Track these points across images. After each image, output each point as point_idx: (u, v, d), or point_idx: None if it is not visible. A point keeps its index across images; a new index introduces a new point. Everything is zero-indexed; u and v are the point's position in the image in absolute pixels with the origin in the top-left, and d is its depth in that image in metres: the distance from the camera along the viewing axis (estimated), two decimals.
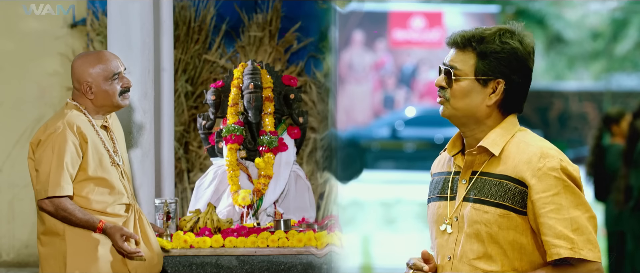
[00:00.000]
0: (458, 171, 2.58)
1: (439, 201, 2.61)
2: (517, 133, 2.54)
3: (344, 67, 14.00)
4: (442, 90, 2.56)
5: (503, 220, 2.47)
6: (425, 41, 14.38)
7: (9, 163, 7.16)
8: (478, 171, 2.53)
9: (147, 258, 3.92)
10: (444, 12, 14.54)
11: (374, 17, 14.50)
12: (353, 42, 14.13)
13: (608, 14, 12.92)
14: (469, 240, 2.50)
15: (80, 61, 3.89)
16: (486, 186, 2.50)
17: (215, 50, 7.05)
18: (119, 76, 3.88)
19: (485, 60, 2.51)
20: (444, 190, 2.61)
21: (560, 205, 2.42)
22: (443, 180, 2.63)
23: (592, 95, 13.34)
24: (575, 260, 2.42)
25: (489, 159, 2.53)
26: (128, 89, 3.91)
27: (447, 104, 2.55)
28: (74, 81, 3.88)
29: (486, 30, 2.53)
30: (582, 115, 13.41)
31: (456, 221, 2.54)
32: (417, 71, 14.42)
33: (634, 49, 12.66)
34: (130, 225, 3.88)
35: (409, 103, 14.12)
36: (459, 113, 2.54)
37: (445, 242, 2.56)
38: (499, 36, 2.51)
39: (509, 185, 2.47)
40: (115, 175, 3.87)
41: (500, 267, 2.48)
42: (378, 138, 12.73)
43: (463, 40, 2.52)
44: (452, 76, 2.53)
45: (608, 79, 13.17)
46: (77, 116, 3.81)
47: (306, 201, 5.26)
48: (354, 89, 14.16)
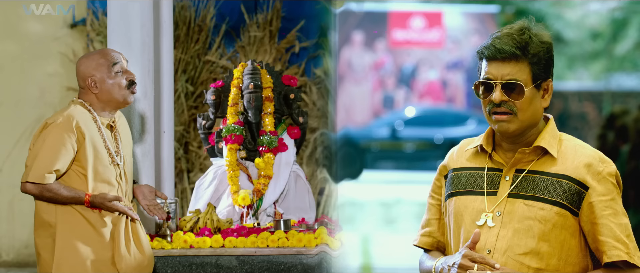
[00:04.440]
0: (494, 168, 2.61)
1: (472, 195, 2.63)
2: (561, 134, 2.62)
3: (344, 67, 14.00)
4: (504, 105, 2.55)
5: (559, 219, 2.52)
6: (425, 41, 14.37)
7: (9, 163, 7.16)
8: (525, 169, 2.57)
9: (138, 260, 3.92)
10: (443, 12, 14.53)
11: (374, 17, 14.49)
12: (353, 42, 14.13)
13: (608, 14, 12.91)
14: (517, 235, 2.53)
15: (84, 59, 3.92)
16: (541, 184, 2.54)
17: (215, 50, 7.05)
18: (122, 68, 3.89)
19: (537, 65, 2.54)
20: (478, 184, 2.63)
21: (616, 211, 2.51)
22: (476, 174, 2.65)
23: (591, 95, 13.33)
24: (626, 265, 2.50)
25: (538, 158, 2.58)
26: (133, 82, 3.91)
27: (514, 118, 2.55)
28: (79, 80, 3.89)
29: (520, 34, 2.53)
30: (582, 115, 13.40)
31: (498, 216, 2.57)
32: (416, 71, 14.41)
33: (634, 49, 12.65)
34: (121, 225, 3.88)
35: (408, 103, 14.11)
36: (525, 124, 2.57)
37: (483, 235, 2.57)
38: (535, 37, 2.54)
39: (569, 185, 2.53)
40: (113, 173, 3.87)
41: (546, 265, 2.52)
42: (378, 138, 12.72)
43: (512, 50, 2.52)
44: (524, 89, 2.53)
45: (608, 79, 13.17)
46: (80, 112, 3.82)
47: (306, 202, 5.26)
48: (353, 89, 14.16)
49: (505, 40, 2.52)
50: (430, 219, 2.77)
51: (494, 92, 2.54)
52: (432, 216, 2.77)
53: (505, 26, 2.58)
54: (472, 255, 2.50)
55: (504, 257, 2.53)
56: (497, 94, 2.54)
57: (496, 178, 2.61)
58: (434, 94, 14.26)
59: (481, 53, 2.57)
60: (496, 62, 2.54)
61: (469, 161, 2.69)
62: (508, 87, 2.54)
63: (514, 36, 2.53)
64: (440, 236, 2.76)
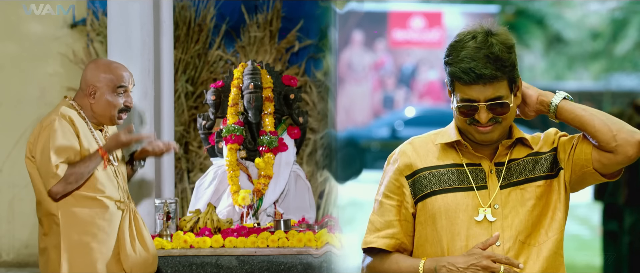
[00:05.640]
0: (471, 163, 2.65)
1: (460, 192, 2.64)
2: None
3: (344, 67, 14.00)
4: (489, 120, 2.60)
5: (543, 190, 2.64)
6: (425, 41, 14.37)
7: (9, 163, 7.16)
8: (503, 161, 2.65)
9: (143, 258, 3.93)
10: (443, 12, 14.53)
11: (374, 17, 14.49)
12: (353, 42, 14.12)
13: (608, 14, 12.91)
14: (522, 221, 2.61)
15: (94, 65, 3.94)
16: (528, 167, 2.65)
17: (215, 50, 7.05)
18: (125, 91, 3.91)
19: (511, 72, 2.58)
20: (462, 180, 2.64)
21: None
22: (456, 171, 2.66)
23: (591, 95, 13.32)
24: None
25: (512, 149, 2.67)
26: (128, 108, 3.94)
27: (498, 127, 2.61)
28: (82, 81, 3.92)
29: (490, 47, 2.55)
30: None
31: (497, 209, 2.61)
32: (416, 71, 14.41)
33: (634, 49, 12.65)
34: (125, 224, 3.89)
35: (408, 103, 14.11)
36: (507, 129, 2.66)
37: (484, 230, 2.60)
38: (502, 44, 2.56)
39: (544, 156, 2.67)
40: (108, 171, 3.89)
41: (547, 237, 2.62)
42: (378, 138, 12.72)
43: (493, 73, 2.54)
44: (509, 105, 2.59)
45: (608, 79, 13.16)
46: (71, 111, 3.83)
47: (306, 201, 5.26)
48: (353, 89, 14.16)
49: (482, 63, 2.53)
50: (391, 220, 2.71)
51: (480, 113, 2.58)
52: (393, 218, 2.71)
53: (466, 36, 2.57)
54: (496, 256, 2.52)
55: (516, 243, 2.59)
56: (484, 115, 2.59)
57: (480, 173, 2.65)
58: (434, 94, 14.26)
59: (457, 77, 2.56)
60: (476, 85, 2.56)
61: (440, 159, 2.69)
62: (492, 106, 2.58)
63: (488, 56, 2.53)
64: (403, 238, 2.70)
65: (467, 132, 2.64)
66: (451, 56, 2.58)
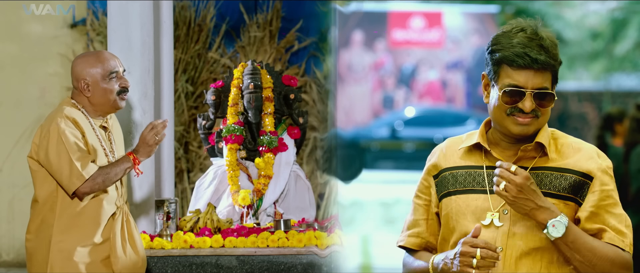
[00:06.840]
0: (492, 166, 2.60)
1: (473, 194, 2.63)
2: (553, 130, 2.66)
3: (344, 67, 14.00)
4: (532, 111, 2.57)
5: (567, 210, 2.57)
6: (425, 41, 14.37)
7: (9, 163, 7.17)
8: (527, 166, 2.59)
9: (132, 261, 3.93)
10: (443, 12, 14.54)
11: (374, 17, 14.50)
12: (353, 42, 14.13)
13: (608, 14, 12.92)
14: (530, 231, 2.56)
15: (80, 60, 3.92)
16: (546, 180, 2.59)
17: (215, 50, 7.05)
18: (117, 75, 3.89)
19: (556, 69, 2.58)
20: (478, 183, 2.63)
21: (616, 201, 2.61)
22: (474, 173, 2.65)
23: (591, 95, 13.33)
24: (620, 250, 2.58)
25: (540, 156, 2.61)
26: (126, 89, 3.92)
27: (535, 121, 2.58)
28: (73, 79, 3.90)
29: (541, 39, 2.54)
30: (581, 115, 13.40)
31: (506, 215, 2.59)
32: (416, 71, 14.42)
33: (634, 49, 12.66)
34: (117, 226, 3.88)
35: (408, 103, 14.12)
36: (542, 125, 2.62)
37: (491, 234, 2.58)
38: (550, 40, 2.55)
39: (573, 177, 2.58)
40: None
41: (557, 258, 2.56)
42: (377, 138, 12.72)
43: (547, 61, 2.53)
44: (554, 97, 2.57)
45: (607, 80, 13.17)
46: (74, 112, 3.83)
47: (306, 201, 5.26)
48: (353, 89, 14.16)
49: (536, 50, 2.53)
50: (418, 219, 2.74)
51: (525, 100, 2.55)
52: (420, 217, 2.74)
53: (514, 28, 2.57)
54: (473, 241, 2.51)
55: (519, 253, 2.56)
56: (528, 103, 2.55)
57: None
58: (433, 94, 14.27)
59: (510, 61, 2.55)
60: (527, 70, 2.54)
61: (463, 160, 2.68)
62: (538, 96, 2.55)
63: (541, 45, 2.54)
64: (428, 237, 2.74)
65: (502, 125, 2.60)
66: (500, 43, 2.56)
